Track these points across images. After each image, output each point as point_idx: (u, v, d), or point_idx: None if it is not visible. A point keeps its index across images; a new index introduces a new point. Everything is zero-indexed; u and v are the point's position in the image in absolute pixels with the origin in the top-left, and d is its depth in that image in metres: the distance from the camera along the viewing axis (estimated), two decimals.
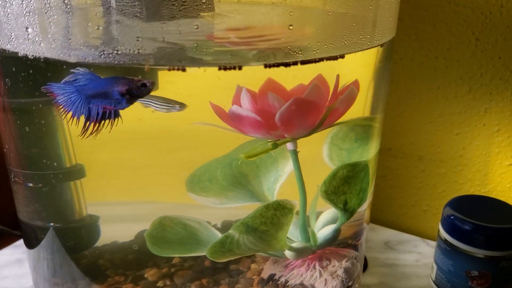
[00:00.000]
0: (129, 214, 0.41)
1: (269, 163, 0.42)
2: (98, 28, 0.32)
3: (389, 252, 0.62)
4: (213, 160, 0.41)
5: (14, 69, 0.34)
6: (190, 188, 0.41)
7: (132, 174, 0.39)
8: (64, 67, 0.31)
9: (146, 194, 0.40)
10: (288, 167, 0.41)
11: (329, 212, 0.41)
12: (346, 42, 0.34)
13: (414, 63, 0.64)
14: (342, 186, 0.38)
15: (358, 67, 0.37)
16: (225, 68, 0.30)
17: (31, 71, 0.33)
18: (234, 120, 0.35)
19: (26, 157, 0.38)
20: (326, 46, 0.33)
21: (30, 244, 0.42)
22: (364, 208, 0.42)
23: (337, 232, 0.40)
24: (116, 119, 0.32)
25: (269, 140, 0.37)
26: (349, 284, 0.42)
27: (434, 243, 0.64)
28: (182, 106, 0.33)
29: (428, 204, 0.70)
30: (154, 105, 0.33)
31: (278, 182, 0.41)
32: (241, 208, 0.42)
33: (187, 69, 0.31)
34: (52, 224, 0.40)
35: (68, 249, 0.41)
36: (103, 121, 0.32)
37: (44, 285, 0.43)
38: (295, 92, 0.35)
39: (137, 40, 0.30)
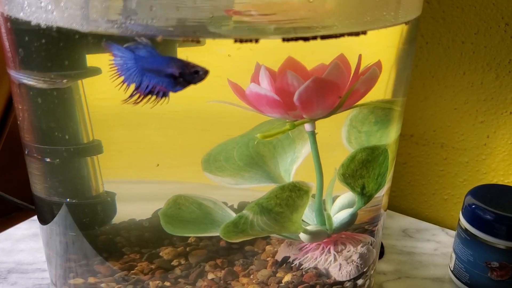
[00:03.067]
0: (146, 193, 0.41)
1: (286, 144, 0.41)
2: None
3: (407, 240, 0.61)
4: (229, 139, 0.40)
5: (26, 38, 0.33)
6: (205, 167, 0.40)
7: (149, 152, 0.39)
8: (77, 36, 0.30)
9: (163, 173, 0.40)
10: (305, 148, 0.40)
11: (346, 196, 0.41)
12: (368, 18, 0.32)
13: (440, 47, 0.62)
14: (360, 170, 0.37)
15: (382, 48, 0.36)
16: (241, 41, 0.29)
17: (43, 41, 0.32)
18: (252, 98, 0.34)
19: (43, 131, 0.38)
20: (347, 21, 0.32)
21: (44, 220, 0.42)
22: (382, 194, 0.41)
23: (353, 216, 0.40)
24: (163, 98, 0.32)
25: (287, 121, 0.36)
26: (364, 270, 0.41)
27: (453, 233, 0.63)
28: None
29: (449, 193, 0.68)
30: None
31: (295, 163, 0.40)
32: (257, 190, 0.41)
33: (204, 43, 0.30)
34: (68, 200, 0.40)
35: (83, 225, 0.41)
36: (149, 96, 0.32)
37: (57, 261, 0.43)
38: (316, 72, 0.34)
39: (151, 9, 0.29)
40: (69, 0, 0.30)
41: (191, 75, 0.30)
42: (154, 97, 0.32)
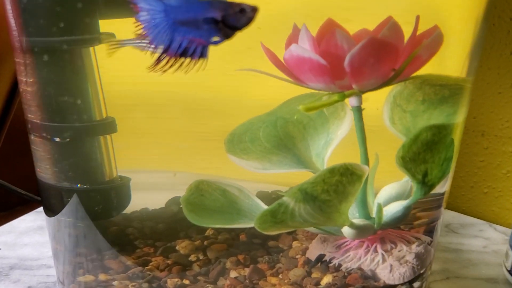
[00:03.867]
0: (160, 181, 0.37)
1: (319, 123, 0.35)
2: None
3: (452, 236, 0.55)
4: (255, 117, 0.35)
5: None
6: (229, 149, 0.36)
7: (167, 137, 0.35)
8: None
9: (180, 160, 0.36)
10: (341, 129, 0.35)
11: (393, 186, 0.35)
12: None
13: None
14: (424, 153, 0.31)
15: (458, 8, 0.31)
16: None
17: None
18: (292, 63, 0.29)
19: (52, 107, 0.33)
20: None
21: (51, 210, 0.37)
22: (446, 185, 0.36)
23: (408, 210, 0.34)
24: (201, 59, 0.26)
25: (327, 93, 0.31)
26: (421, 271, 0.35)
27: (502, 228, 0.57)
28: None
29: (490, 186, 0.62)
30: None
31: (330, 147, 0.35)
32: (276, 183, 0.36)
33: None
34: (79, 185, 0.35)
35: (95, 214, 0.36)
36: (183, 58, 0.26)
37: (65, 256, 0.38)
38: (359, 38, 0.29)
39: None
40: None
41: (235, 16, 0.24)
42: (188, 59, 0.26)
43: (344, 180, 0.29)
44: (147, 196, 0.39)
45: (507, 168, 0.61)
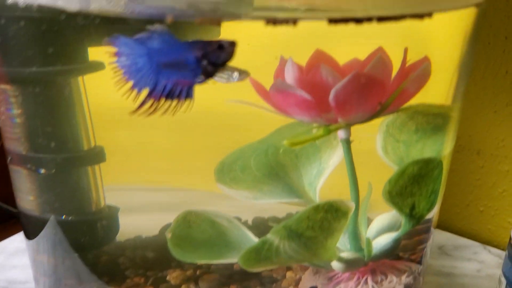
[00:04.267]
0: (153, 202, 0.36)
1: (311, 152, 0.35)
2: None
3: (445, 259, 0.54)
4: (246, 145, 0.35)
5: (2, 22, 0.27)
6: (219, 178, 0.35)
7: (157, 157, 0.34)
8: (63, 18, 0.24)
9: (171, 180, 0.35)
10: (334, 158, 0.34)
11: (385, 217, 0.34)
12: None
13: (480, 43, 0.56)
14: (411, 186, 0.30)
15: (446, 37, 0.30)
16: (274, 22, 0.23)
17: (22, 24, 0.26)
18: (277, 97, 0.28)
19: (36, 137, 0.33)
20: None
21: (32, 239, 0.36)
22: (433, 214, 0.35)
23: (397, 242, 0.33)
24: (188, 100, 0.25)
25: (316, 125, 0.30)
26: None
27: (496, 251, 0.56)
28: (243, 73, 0.25)
29: (486, 205, 0.62)
30: None
31: (322, 176, 0.35)
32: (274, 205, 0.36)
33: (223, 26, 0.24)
34: (64, 217, 0.34)
35: (80, 246, 0.35)
36: (169, 100, 0.25)
37: (45, 284, 0.38)
38: (350, 68, 0.28)
39: None
40: None
41: (214, 53, 0.24)
42: (175, 100, 0.25)
43: (329, 216, 0.28)
44: (140, 221, 0.38)
45: (503, 187, 0.60)
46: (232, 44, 0.24)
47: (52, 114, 0.32)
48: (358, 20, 0.23)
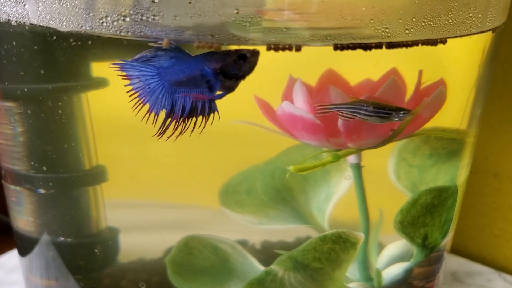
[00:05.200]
0: (157, 220, 0.35)
1: (319, 175, 0.33)
2: None
3: (457, 286, 0.52)
4: (252, 167, 0.33)
5: None
6: (224, 201, 0.34)
7: (161, 174, 0.33)
8: (54, 38, 0.23)
9: (177, 197, 0.34)
10: (344, 183, 0.33)
11: (397, 245, 0.33)
12: (450, 21, 0.24)
13: (498, 61, 0.54)
14: (423, 216, 0.29)
15: (462, 63, 0.28)
16: (276, 49, 0.22)
17: (14, 43, 0.25)
18: (284, 120, 0.27)
19: (35, 156, 0.31)
20: (423, 24, 0.24)
21: (25, 257, 0.35)
22: (446, 241, 0.33)
23: (409, 272, 0.31)
24: (212, 114, 0.24)
25: (325, 149, 0.29)
26: None
27: (511, 278, 0.54)
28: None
29: (502, 228, 0.60)
30: (363, 112, 0.25)
31: (331, 200, 0.33)
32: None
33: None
34: (62, 238, 0.33)
35: (77, 270, 0.34)
36: (192, 118, 0.24)
37: None
38: (361, 89, 0.27)
39: (153, 1, 0.21)
40: None
41: (235, 64, 0.22)
42: (199, 117, 0.23)
43: (337, 247, 0.27)
44: (144, 242, 0.37)
45: None
46: (255, 53, 0.22)
47: (52, 132, 0.31)
48: (366, 47, 0.22)
